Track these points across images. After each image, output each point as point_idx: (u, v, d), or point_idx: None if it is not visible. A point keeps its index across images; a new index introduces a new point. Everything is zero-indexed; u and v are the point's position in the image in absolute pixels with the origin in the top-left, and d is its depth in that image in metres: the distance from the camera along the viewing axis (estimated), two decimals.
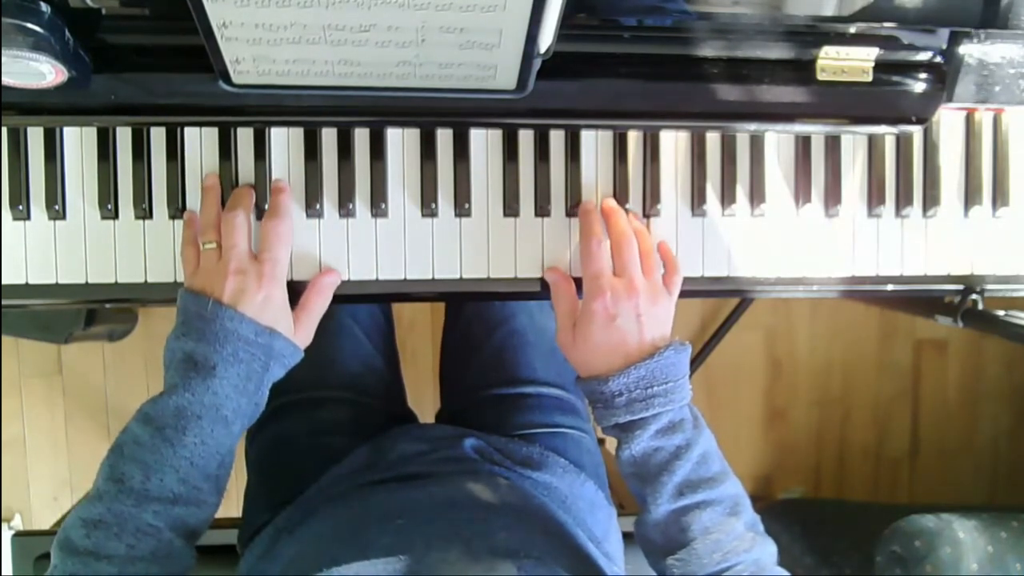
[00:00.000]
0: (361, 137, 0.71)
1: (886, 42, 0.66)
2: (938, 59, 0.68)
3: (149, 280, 0.69)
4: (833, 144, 0.74)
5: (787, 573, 0.59)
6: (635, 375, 0.61)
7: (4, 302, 0.69)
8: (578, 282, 0.70)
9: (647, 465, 0.62)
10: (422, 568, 0.54)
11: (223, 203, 0.68)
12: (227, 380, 0.60)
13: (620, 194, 0.72)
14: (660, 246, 0.71)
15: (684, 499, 0.60)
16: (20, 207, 0.68)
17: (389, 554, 0.55)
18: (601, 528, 0.80)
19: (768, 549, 0.60)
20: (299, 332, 0.66)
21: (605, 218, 0.70)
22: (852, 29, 0.65)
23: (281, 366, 0.64)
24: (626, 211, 0.72)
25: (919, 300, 1.02)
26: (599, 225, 0.68)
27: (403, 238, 0.71)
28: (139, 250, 0.69)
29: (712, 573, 0.58)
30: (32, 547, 0.95)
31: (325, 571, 0.54)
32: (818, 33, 0.65)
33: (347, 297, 0.71)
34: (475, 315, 0.93)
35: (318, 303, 0.68)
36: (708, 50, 0.66)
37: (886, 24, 0.64)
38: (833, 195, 0.74)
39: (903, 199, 0.75)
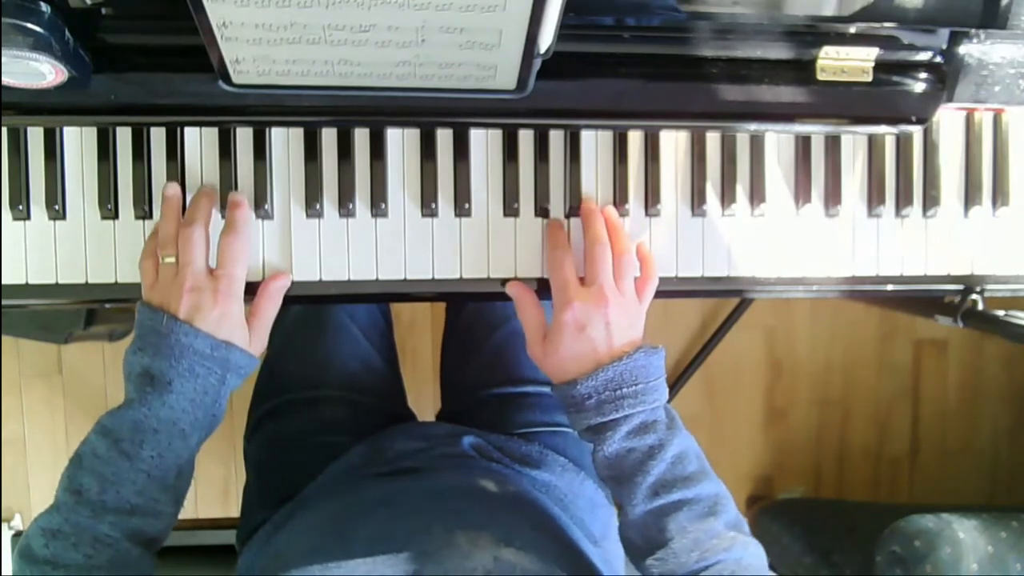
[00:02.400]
0: (361, 137, 0.71)
1: (886, 42, 0.66)
2: (938, 59, 0.68)
3: None
4: (833, 144, 0.74)
5: (773, 575, 0.59)
6: (603, 377, 0.62)
7: (4, 302, 0.69)
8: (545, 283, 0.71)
9: (621, 467, 0.62)
10: (400, 559, 0.54)
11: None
12: (183, 395, 0.60)
13: (620, 194, 0.72)
14: (638, 249, 0.70)
15: (660, 499, 0.60)
16: (20, 207, 0.68)
17: (370, 545, 0.56)
18: (600, 527, 0.80)
19: (752, 550, 0.60)
20: (253, 339, 0.66)
21: (583, 220, 0.70)
22: (852, 29, 0.65)
23: (238, 377, 0.64)
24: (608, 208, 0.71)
25: (919, 300, 1.02)
26: (564, 235, 0.70)
27: (403, 238, 0.71)
28: (139, 250, 0.69)
29: (691, 571, 0.57)
30: None
31: (303, 566, 0.54)
32: (818, 33, 0.65)
33: (347, 297, 0.71)
34: (475, 315, 0.94)
35: (268, 308, 0.67)
36: (708, 50, 0.66)
37: (886, 24, 0.64)
38: (833, 195, 0.74)
39: (903, 199, 0.75)
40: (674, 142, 0.73)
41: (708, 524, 0.59)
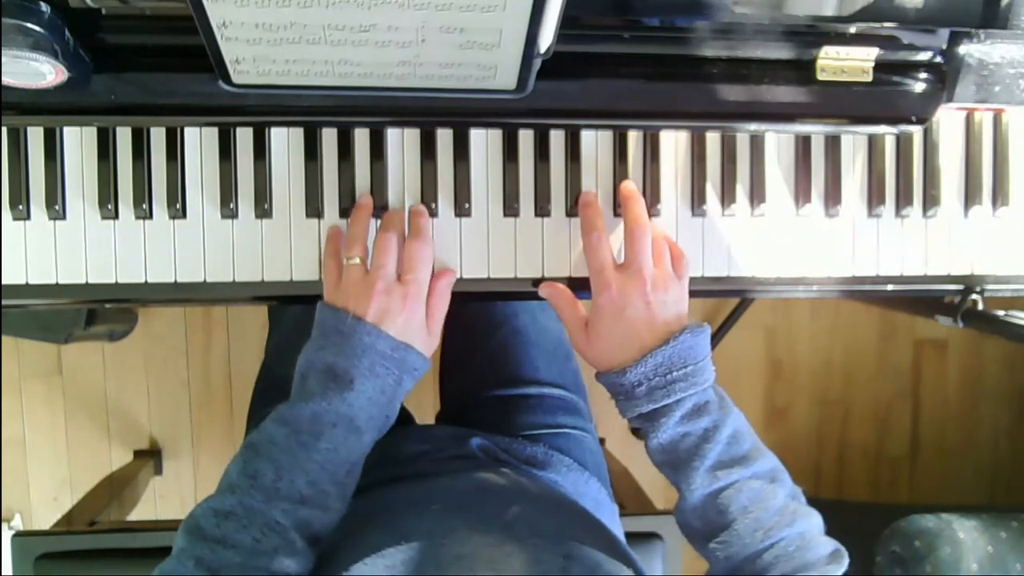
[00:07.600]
0: (361, 137, 0.71)
1: (886, 42, 0.66)
2: (938, 59, 0.68)
3: (149, 280, 0.69)
4: (833, 144, 0.74)
5: (836, 543, 0.58)
6: (652, 363, 0.61)
7: (4, 302, 0.69)
8: (583, 281, 0.70)
9: (677, 451, 0.61)
10: (467, 550, 0.53)
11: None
12: (363, 393, 0.61)
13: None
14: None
15: (719, 481, 0.59)
16: (20, 207, 0.68)
17: (432, 538, 0.55)
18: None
19: (812, 520, 0.60)
20: (428, 340, 0.67)
21: (623, 203, 0.69)
22: (852, 29, 0.65)
23: (412, 379, 0.65)
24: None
25: (919, 300, 1.02)
26: (600, 219, 0.68)
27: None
28: (139, 250, 0.69)
29: (756, 551, 0.57)
30: (32, 547, 0.95)
31: (373, 556, 0.53)
32: (818, 33, 0.65)
33: None
34: (476, 315, 0.94)
35: (439, 306, 0.68)
36: (708, 50, 0.66)
37: (886, 24, 0.64)
38: (833, 195, 0.74)
39: (903, 199, 0.75)
40: (674, 142, 0.73)
41: (768, 502, 0.58)
